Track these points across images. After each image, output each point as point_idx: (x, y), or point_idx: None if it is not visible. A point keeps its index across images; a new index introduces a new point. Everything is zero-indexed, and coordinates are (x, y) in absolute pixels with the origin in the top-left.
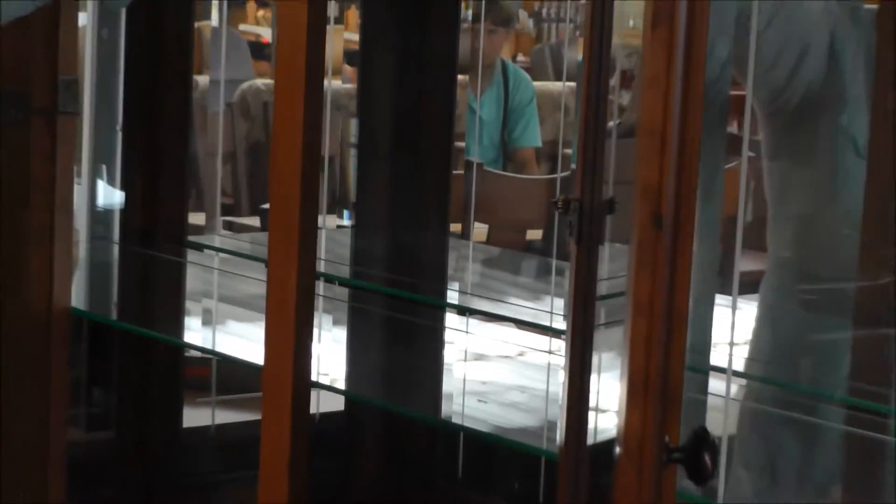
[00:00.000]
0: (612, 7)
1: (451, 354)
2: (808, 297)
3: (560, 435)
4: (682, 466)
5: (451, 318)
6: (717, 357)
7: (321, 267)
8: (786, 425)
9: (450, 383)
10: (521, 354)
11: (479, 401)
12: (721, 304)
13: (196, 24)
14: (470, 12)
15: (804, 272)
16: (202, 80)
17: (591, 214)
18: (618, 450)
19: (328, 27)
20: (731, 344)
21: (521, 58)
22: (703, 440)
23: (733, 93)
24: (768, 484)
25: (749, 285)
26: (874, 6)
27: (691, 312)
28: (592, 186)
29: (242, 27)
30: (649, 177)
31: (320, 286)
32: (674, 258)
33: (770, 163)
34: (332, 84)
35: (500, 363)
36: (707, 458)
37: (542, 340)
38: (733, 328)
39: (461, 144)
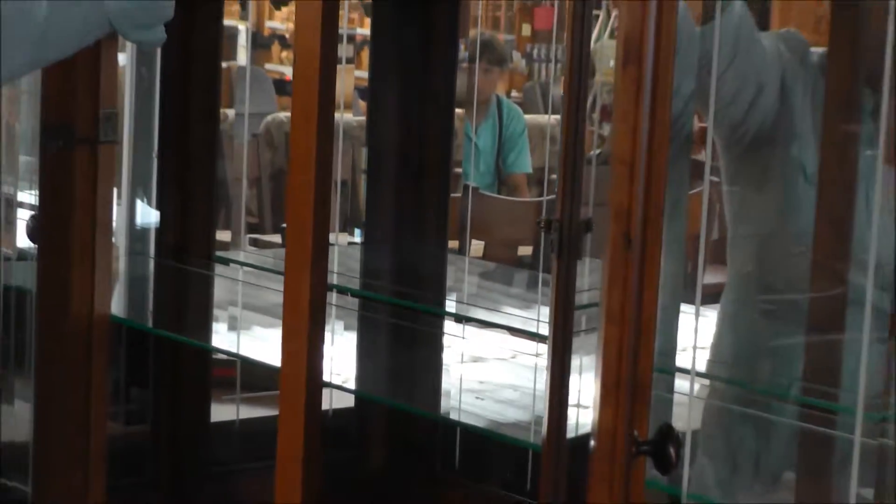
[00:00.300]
0: (589, 50)
1: (449, 357)
2: (764, 307)
3: (544, 430)
4: (649, 458)
5: (449, 325)
6: (682, 360)
7: (334, 279)
8: (744, 420)
9: (448, 383)
10: (513, 357)
11: (477, 398)
12: (686, 312)
13: (224, 64)
14: (468, 53)
15: (760, 284)
16: (230, 113)
17: (570, 233)
18: (592, 443)
19: (341, 67)
20: (695, 348)
21: (514, 93)
22: (667, 435)
23: (700, 125)
24: (728, 472)
25: (711, 296)
26: (821, 50)
27: (659, 320)
28: (571, 209)
29: (268, 66)
30: (620, 200)
31: (333, 296)
32: (642, 272)
33: (729, 188)
34: (345, 117)
35: (494, 365)
36: (671, 451)
37: (532, 345)
38: (697, 334)
39: (459, 170)
